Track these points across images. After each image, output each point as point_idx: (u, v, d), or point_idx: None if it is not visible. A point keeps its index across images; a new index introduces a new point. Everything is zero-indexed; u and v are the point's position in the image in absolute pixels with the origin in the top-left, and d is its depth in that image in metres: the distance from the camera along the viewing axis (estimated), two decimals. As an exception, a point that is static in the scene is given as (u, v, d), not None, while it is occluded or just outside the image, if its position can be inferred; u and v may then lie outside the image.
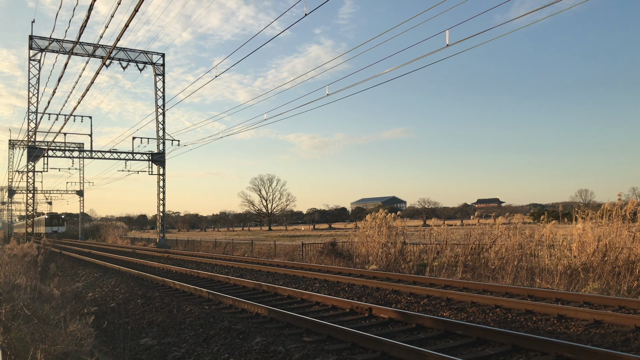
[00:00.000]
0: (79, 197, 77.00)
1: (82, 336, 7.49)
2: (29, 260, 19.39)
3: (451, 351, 6.51)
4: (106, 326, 9.45)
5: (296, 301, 10.77)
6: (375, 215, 20.11)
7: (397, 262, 18.33)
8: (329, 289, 12.33)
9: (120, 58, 41.51)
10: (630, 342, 6.70)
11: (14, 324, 7.65)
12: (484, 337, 6.90)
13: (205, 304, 10.74)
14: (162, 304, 11.05)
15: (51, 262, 21.77)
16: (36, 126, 40.05)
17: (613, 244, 12.60)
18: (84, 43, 39.47)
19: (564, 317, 8.18)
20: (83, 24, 11.71)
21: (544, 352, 6.12)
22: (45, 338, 6.87)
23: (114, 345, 8.50)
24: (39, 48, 39.25)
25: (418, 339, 7.15)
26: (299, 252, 24.23)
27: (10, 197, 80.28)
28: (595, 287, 11.37)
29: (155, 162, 43.76)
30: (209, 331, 8.24)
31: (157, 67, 43.87)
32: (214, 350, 7.31)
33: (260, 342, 7.14)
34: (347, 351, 6.68)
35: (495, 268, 14.74)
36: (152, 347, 8.06)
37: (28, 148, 41.11)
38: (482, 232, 16.67)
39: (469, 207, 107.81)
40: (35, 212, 54.59)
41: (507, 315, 8.59)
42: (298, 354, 6.49)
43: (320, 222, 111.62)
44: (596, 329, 7.45)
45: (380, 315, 8.76)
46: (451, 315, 8.88)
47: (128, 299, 12.39)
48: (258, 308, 9.49)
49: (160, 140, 43.75)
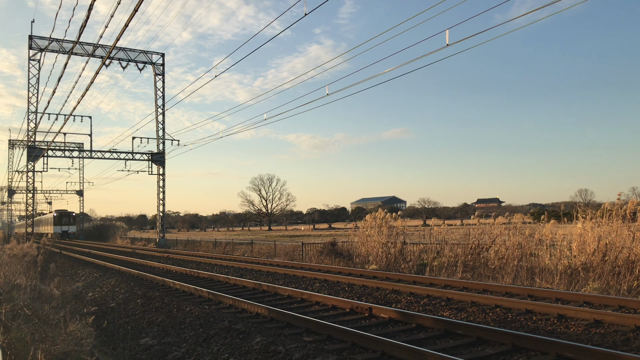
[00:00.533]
0: (78, 197, 77.07)
1: (82, 336, 7.49)
2: (29, 260, 19.38)
3: (451, 351, 6.51)
4: (106, 326, 9.45)
5: (296, 301, 10.77)
6: (375, 215, 20.11)
7: (397, 261, 18.32)
8: (329, 289, 12.32)
9: (120, 58, 41.51)
10: (630, 342, 6.69)
11: (14, 324, 7.64)
12: (484, 337, 6.89)
13: (205, 304, 10.73)
14: (162, 303, 11.05)
15: (51, 262, 21.77)
16: (36, 126, 40.05)
17: (613, 243, 12.60)
18: (84, 43, 39.47)
19: (564, 317, 8.17)
20: (83, 24, 11.71)
21: (544, 352, 6.12)
22: (46, 338, 6.87)
23: (114, 345, 8.49)
24: (38, 48, 39.26)
25: (418, 339, 7.15)
26: (299, 252, 24.23)
27: (10, 197, 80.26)
28: (595, 286, 11.37)
29: (155, 162, 43.76)
30: (209, 331, 8.24)
31: (157, 67, 43.87)
32: (214, 350, 7.31)
33: (260, 342, 7.14)
34: (347, 351, 6.68)
35: (495, 268, 14.74)
36: (152, 346, 8.06)
37: (28, 148, 41.12)
38: (482, 231, 16.67)
39: (468, 207, 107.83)
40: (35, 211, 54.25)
41: (507, 315, 8.59)
42: (298, 353, 6.49)
43: (320, 222, 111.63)
44: (596, 328, 7.45)
45: (380, 315, 8.76)
46: (451, 315, 8.88)
47: (128, 299, 12.39)
48: (258, 308, 9.49)
49: (160, 140, 43.75)
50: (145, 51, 43.03)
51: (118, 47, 40.18)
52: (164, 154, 43.84)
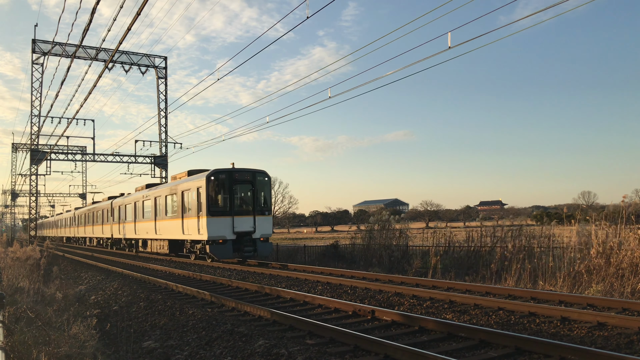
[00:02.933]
0: (81, 200, 77.20)
1: (84, 339, 7.49)
2: (32, 264, 19.41)
3: (454, 353, 6.49)
4: (109, 329, 9.46)
5: (299, 304, 10.76)
6: (377, 218, 20.10)
7: (400, 264, 18.30)
8: (331, 292, 12.31)
9: (122, 61, 41.62)
10: (634, 344, 6.67)
11: (17, 327, 7.66)
12: (487, 340, 6.88)
13: (207, 307, 10.73)
14: (164, 306, 11.06)
15: (54, 265, 21.81)
16: (39, 129, 40.17)
17: (617, 245, 12.56)
18: (87, 46, 39.59)
19: (568, 319, 8.15)
20: (86, 27, 11.76)
21: (547, 355, 6.10)
22: (49, 341, 6.88)
23: (116, 348, 8.50)
24: (41, 52, 39.41)
25: (421, 342, 7.13)
26: (301, 254, 24.21)
27: (13, 200, 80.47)
28: (599, 289, 11.33)
29: (158, 165, 43.83)
30: (212, 334, 8.24)
31: (160, 71, 43.99)
32: (217, 353, 7.31)
33: (263, 345, 7.13)
34: (349, 354, 6.67)
35: (498, 270, 14.70)
36: (154, 350, 8.06)
37: (31, 151, 41.23)
38: (485, 234, 16.65)
39: (471, 210, 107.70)
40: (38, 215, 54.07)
41: (510, 318, 8.57)
42: (301, 356, 6.48)
43: (322, 225, 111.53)
44: (600, 331, 7.42)
45: (383, 317, 8.74)
46: (454, 317, 8.86)
47: (131, 302, 12.40)
48: (260, 311, 9.48)
49: (162, 143, 43.83)
50: (148, 54, 43.16)
51: (121, 51, 40.31)
52: (166, 157, 43.91)
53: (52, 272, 16.57)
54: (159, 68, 43.97)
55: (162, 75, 44.03)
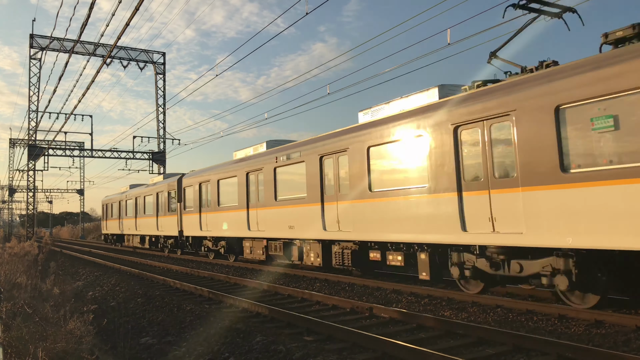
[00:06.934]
0: (79, 196, 77.10)
1: (82, 334, 7.48)
2: (30, 259, 19.39)
3: (452, 351, 6.50)
4: (106, 325, 9.43)
5: (297, 300, 10.77)
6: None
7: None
8: (329, 289, 12.31)
9: (120, 57, 41.52)
10: (631, 342, 6.68)
11: (15, 322, 7.64)
12: (485, 337, 6.89)
13: (205, 303, 10.73)
14: (162, 302, 11.05)
15: (52, 260, 21.77)
16: (37, 125, 40.08)
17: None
18: (85, 42, 39.44)
19: (565, 317, 8.16)
20: (84, 23, 11.71)
21: (544, 352, 6.11)
22: (46, 336, 6.87)
23: (114, 344, 8.48)
24: (39, 47, 39.27)
25: (419, 339, 7.14)
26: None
27: (10, 196, 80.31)
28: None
29: (156, 161, 43.78)
30: (210, 330, 8.23)
31: (158, 66, 43.90)
32: (215, 349, 7.30)
33: (261, 341, 7.13)
34: (347, 350, 6.67)
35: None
36: (152, 345, 8.05)
37: (29, 147, 41.13)
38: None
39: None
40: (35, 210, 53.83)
41: (508, 315, 8.58)
42: (299, 353, 6.48)
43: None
44: (597, 329, 7.44)
45: (381, 314, 8.75)
46: (452, 315, 8.87)
47: (128, 298, 12.38)
48: (259, 307, 9.49)
49: (160, 140, 43.78)
50: (146, 50, 43.05)
51: (119, 46, 40.20)
52: (164, 153, 43.85)
53: (50, 268, 16.55)
54: (157, 64, 43.87)
55: (161, 71, 43.94)
